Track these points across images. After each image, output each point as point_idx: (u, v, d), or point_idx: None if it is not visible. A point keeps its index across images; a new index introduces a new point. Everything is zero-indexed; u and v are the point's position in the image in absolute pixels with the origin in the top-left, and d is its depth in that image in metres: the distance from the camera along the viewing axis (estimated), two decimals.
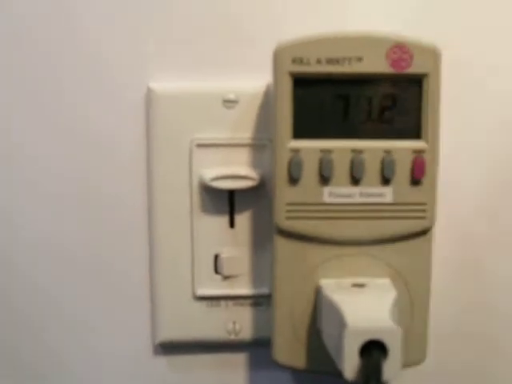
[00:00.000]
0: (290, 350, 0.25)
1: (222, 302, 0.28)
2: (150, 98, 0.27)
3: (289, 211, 0.24)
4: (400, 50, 0.23)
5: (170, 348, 0.29)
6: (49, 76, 0.27)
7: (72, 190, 0.28)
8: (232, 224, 0.27)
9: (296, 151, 0.23)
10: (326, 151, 0.23)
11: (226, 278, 0.28)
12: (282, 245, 0.24)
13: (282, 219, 0.24)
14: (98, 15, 0.26)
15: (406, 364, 0.25)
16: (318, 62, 0.23)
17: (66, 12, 0.26)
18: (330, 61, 0.23)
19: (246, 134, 0.27)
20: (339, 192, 0.24)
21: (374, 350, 0.20)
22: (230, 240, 0.27)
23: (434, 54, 0.23)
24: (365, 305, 0.22)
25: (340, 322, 0.21)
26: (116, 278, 0.29)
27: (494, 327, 0.30)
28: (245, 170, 0.26)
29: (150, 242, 0.28)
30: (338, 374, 0.21)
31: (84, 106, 0.27)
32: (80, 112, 0.27)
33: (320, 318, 0.24)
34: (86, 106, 0.27)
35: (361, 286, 0.24)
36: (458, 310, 0.29)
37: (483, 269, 0.29)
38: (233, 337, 0.28)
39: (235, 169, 0.26)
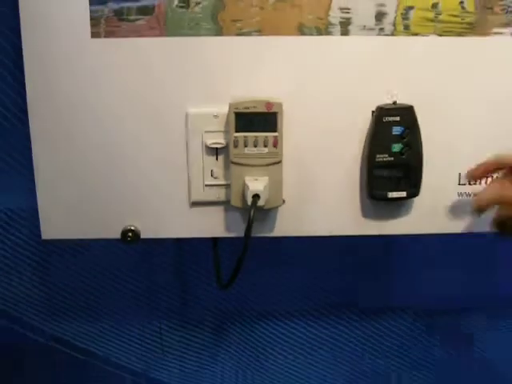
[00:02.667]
0: (235, 202, 0.75)
1: (215, 187, 0.78)
2: (187, 116, 0.75)
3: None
4: (269, 103, 0.71)
5: (195, 204, 0.79)
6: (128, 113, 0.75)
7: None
8: (217, 159, 0.76)
9: (237, 135, 0.72)
10: (248, 136, 0.72)
11: (215, 177, 0.77)
12: (232, 168, 0.74)
13: (232, 158, 0.73)
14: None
15: (274, 206, 0.75)
16: (244, 108, 0.71)
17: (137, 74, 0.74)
18: (246, 107, 0.71)
19: (221, 128, 0.75)
20: (250, 149, 0.73)
21: (255, 197, 0.70)
22: (216, 164, 0.77)
23: (280, 105, 0.71)
24: (256, 185, 0.71)
25: (247, 190, 0.71)
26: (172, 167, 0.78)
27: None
28: (221, 140, 0.75)
29: (188, 164, 0.77)
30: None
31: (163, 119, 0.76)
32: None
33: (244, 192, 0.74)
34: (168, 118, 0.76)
35: (256, 180, 0.73)
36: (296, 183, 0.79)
37: (313, 171, 0.78)
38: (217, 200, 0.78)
39: (218, 140, 0.75)
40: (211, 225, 0.78)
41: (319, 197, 0.77)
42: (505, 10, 0.74)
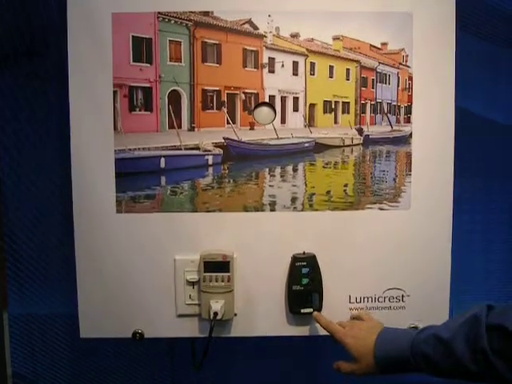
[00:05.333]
0: (204, 315, 1.19)
1: (192, 305, 1.22)
2: (175, 261, 1.20)
3: None
4: (224, 255, 1.16)
5: (180, 316, 1.23)
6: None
7: None
8: (193, 288, 1.21)
9: (205, 274, 1.17)
10: (212, 275, 1.17)
11: (192, 299, 1.22)
12: (202, 294, 1.19)
13: (202, 288, 1.18)
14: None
15: (228, 318, 1.19)
16: (209, 258, 1.16)
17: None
18: (210, 257, 1.16)
19: (196, 269, 1.20)
20: (213, 283, 1.17)
21: (215, 313, 1.14)
22: (192, 291, 1.21)
23: (232, 256, 1.16)
24: (216, 305, 1.16)
25: (211, 309, 1.15)
26: None
27: None
28: (196, 276, 1.20)
29: (175, 290, 1.22)
30: None
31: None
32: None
33: None
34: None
35: (216, 302, 1.17)
36: None
37: (254, 295, 1.22)
38: (194, 313, 1.22)
39: (193, 276, 1.20)
40: (190, 329, 1.21)
41: (258, 311, 1.20)
42: (372, 194, 1.20)
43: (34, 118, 1.27)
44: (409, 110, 1.18)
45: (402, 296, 1.19)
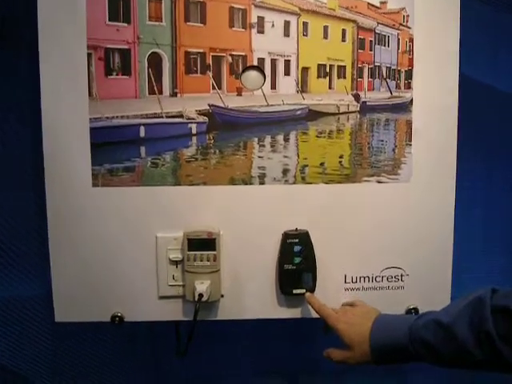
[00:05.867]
0: (189, 297, 1.10)
1: (175, 286, 1.13)
2: (157, 238, 1.11)
3: None
4: (210, 232, 1.07)
5: (162, 297, 1.14)
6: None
7: None
8: (177, 267, 1.12)
9: (189, 253, 1.08)
10: (196, 254, 1.08)
11: (175, 280, 1.12)
12: (186, 274, 1.09)
13: (186, 268, 1.09)
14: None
15: (214, 300, 1.10)
16: (193, 235, 1.07)
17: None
18: (194, 235, 1.07)
19: (179, 247, 1.10)
20: (197, 263, 1.08)
21: (200, 295, 1.05)
22: (176, 271, 1.12)
23: (218, 233, 1.07)
24: (201, 286, 1.07)
25: (195, 290, 1.06)
26: None
27: None
28: (179, 255, 1.11)
29: (157, 270, 1.12)
30: None
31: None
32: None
33: None
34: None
35: (202, 283, 1.08)
36: None
37: (243, 275, 1.13)
38: (177, 295, 1.13)
39: (177, 255, 1.10)
40: (174, 312, 1.12)
41: (247, 292, 1.11)
42: (370, 166, 1.11)
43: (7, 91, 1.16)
44: (409, 75, 1.09)
45: (401, 275, 1.12)
